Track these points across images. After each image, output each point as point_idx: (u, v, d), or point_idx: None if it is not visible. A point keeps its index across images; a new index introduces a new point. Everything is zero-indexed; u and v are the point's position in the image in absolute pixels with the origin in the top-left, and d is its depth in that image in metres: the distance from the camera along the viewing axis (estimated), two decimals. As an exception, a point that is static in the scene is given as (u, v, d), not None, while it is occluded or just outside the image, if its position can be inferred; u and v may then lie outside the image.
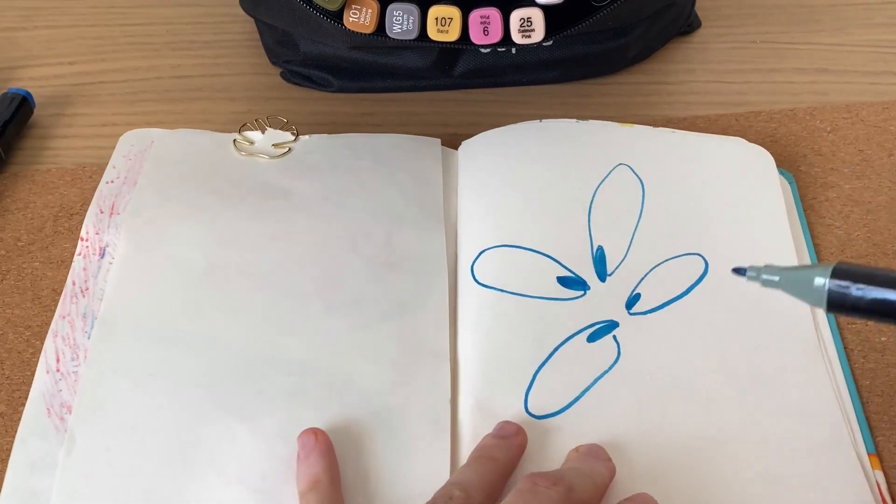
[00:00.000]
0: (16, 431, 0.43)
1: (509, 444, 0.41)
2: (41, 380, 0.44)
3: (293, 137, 0.55)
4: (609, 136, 0.54)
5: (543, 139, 0.54)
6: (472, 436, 0.42)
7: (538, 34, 0.52)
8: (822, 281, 0.37)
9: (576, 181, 0.51)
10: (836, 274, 0.37)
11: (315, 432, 0.41)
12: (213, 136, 0.55)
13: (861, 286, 0.36)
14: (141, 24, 0.66)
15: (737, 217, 0.50)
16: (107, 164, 0.54)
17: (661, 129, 0.54)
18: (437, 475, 0.40)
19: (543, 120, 0.55)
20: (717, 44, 0.64)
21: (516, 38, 0.52)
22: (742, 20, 0.65)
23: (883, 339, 0.46)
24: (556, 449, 0.41)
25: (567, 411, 0.43)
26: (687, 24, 0.64)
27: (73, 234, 0.51)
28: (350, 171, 0.53)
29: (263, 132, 0.55)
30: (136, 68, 0.63)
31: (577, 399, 0.43)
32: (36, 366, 0.45)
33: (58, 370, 0.44)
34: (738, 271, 0.39)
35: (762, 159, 0.53)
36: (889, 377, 0.45)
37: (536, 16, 0.51)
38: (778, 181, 0.52)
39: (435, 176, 0.53)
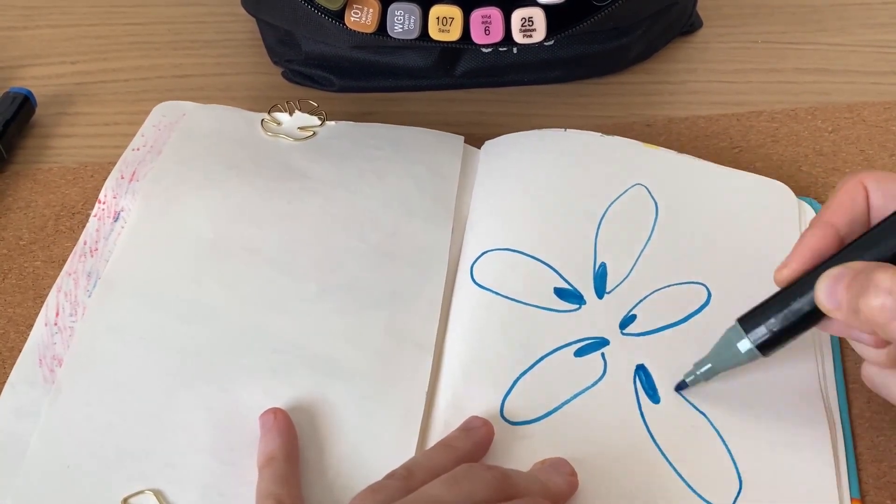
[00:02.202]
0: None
1: (471, 435, 0.41)
2: (39, 331, 0.46)
3: (319, 122, 0.56)
4: (631, 155, 0.53)
5: (565, 149, 0.53)
6: (443, 431, 0.42)
7: (539, 34, 0.52)
8: (745, 343, 0.41)
9: (590, 195, 0.51)
10: (746, 327, 0.41)
11: (275, 412, 0.42)
12: (244, 113, 0.56)
13: (770, 319, 0.40)
14: (143, 23, 0.66)
15: (749, 252, 0.48)
16: (108, 163, 0.54)
17: (684, 155, 0.53)
18: (400, 463, 0.40)
19: (568, 130, 0.54)
20: (718, 43, 0.64)
21: (518, 37, 0.52)
22: (743, 20, 0.65)
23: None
24: (524, 457, 0.41)
25: (542, 421, 0.42)
26: (688, 24, 0.64)
27: (75, 234, 0.51)
28: (369, 159, 0.53)
29: (292, 114, 0.56)
30: (137, 67, 0.63)
31: (554, 410, 0.43)
32: (37, 364, 0.46)
33: (55, 324, 0.46)
34: (681, 387, 0.43)
35: (782, 196, 0.51)
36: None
37: (538, 15, 0.51)
38: (797, 218, 0.50)
39: (452, 172, 0.53)
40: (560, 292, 0.47)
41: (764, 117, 0.58)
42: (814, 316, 0.39)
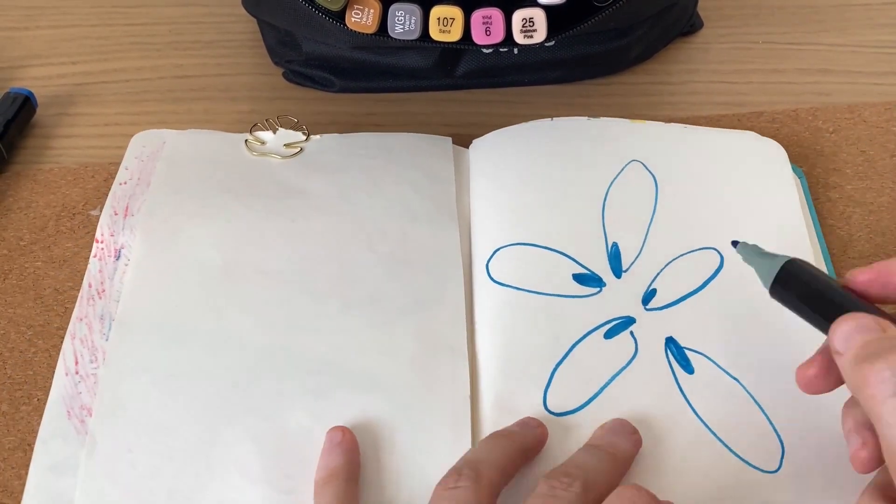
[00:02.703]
0: (18, 430, 0.44)
1: (529, 429, 0.41)
2: (60, 382, 0.44)
3: (304, 137, 0.55)
4: (620, 133, 0.54)
5: (555, 137, 0.54)
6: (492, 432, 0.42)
7: (540, 34, 0.52)
8: (770, 277, 0.40)
9: (588, 178, 0.52)
10: (786, 269, 0.40)
11: (343, 430, 0.41)
12: (225, 136, 0.55)
13: (802, 282, 0.39)
14: (144, 23, 0.66)
15: (751, 210, 0.50)
16: (109, 163, 0.54)
17: (672, 124, 0.55)
18: None
19: (555, 118, 0.55)
20: (719, 44, 0.64)
21: (518, 38, 0.52)
22: (744, 20, 0.65)
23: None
24: (575, 446, 0.41)
25: (586, 408, 0.43)
26: (689, 25, 0.64)
27: (76, 234, 0.51)
28: (363, 169, 0.53)
29: (275, 132, 0.56)
30: (138, 68, 0.63)
31: (595, 395, 0.43)
32: (37, 366, 0.46)
33: (77, 372, 0.44)
34: (734, 244, 0.43)
35: (775, 152, 0.53)
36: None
37: (538, 16, 0.51)
38: (791, 173, 0.52)
39: (447, 173, 0.53)
40: (579, 278, 0.48)
41: (765, 118, 0.58)
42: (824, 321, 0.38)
